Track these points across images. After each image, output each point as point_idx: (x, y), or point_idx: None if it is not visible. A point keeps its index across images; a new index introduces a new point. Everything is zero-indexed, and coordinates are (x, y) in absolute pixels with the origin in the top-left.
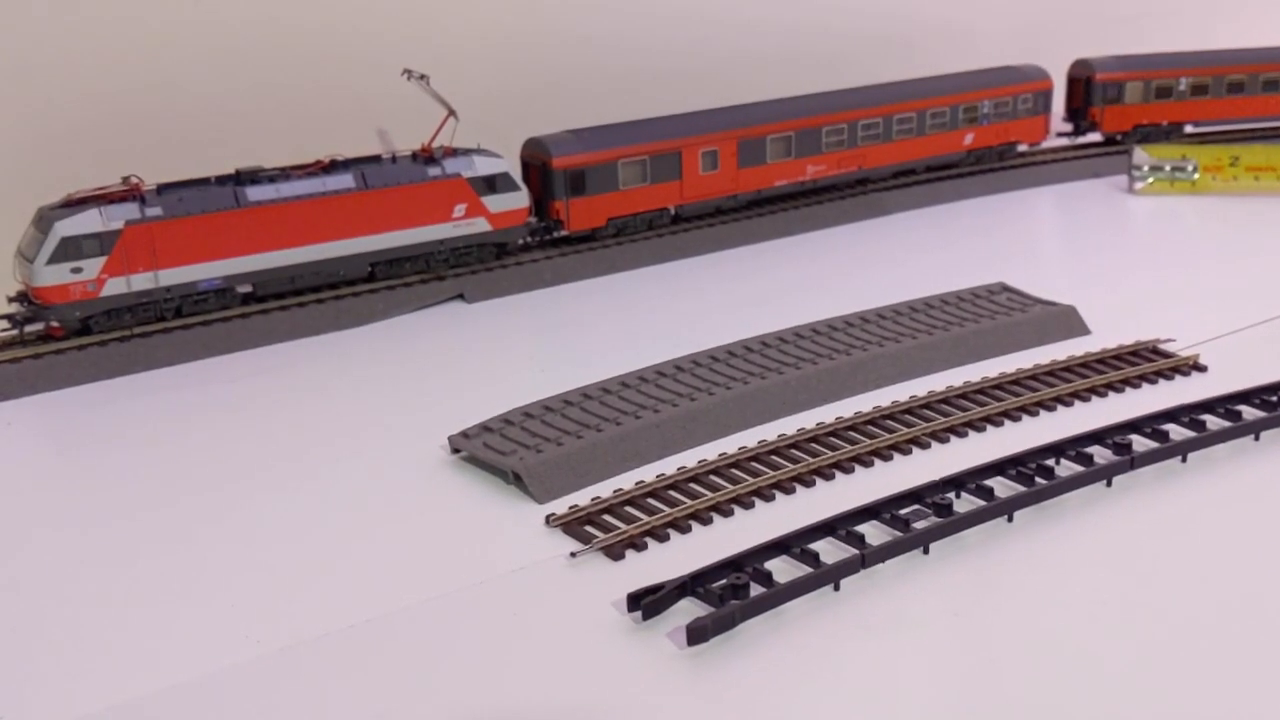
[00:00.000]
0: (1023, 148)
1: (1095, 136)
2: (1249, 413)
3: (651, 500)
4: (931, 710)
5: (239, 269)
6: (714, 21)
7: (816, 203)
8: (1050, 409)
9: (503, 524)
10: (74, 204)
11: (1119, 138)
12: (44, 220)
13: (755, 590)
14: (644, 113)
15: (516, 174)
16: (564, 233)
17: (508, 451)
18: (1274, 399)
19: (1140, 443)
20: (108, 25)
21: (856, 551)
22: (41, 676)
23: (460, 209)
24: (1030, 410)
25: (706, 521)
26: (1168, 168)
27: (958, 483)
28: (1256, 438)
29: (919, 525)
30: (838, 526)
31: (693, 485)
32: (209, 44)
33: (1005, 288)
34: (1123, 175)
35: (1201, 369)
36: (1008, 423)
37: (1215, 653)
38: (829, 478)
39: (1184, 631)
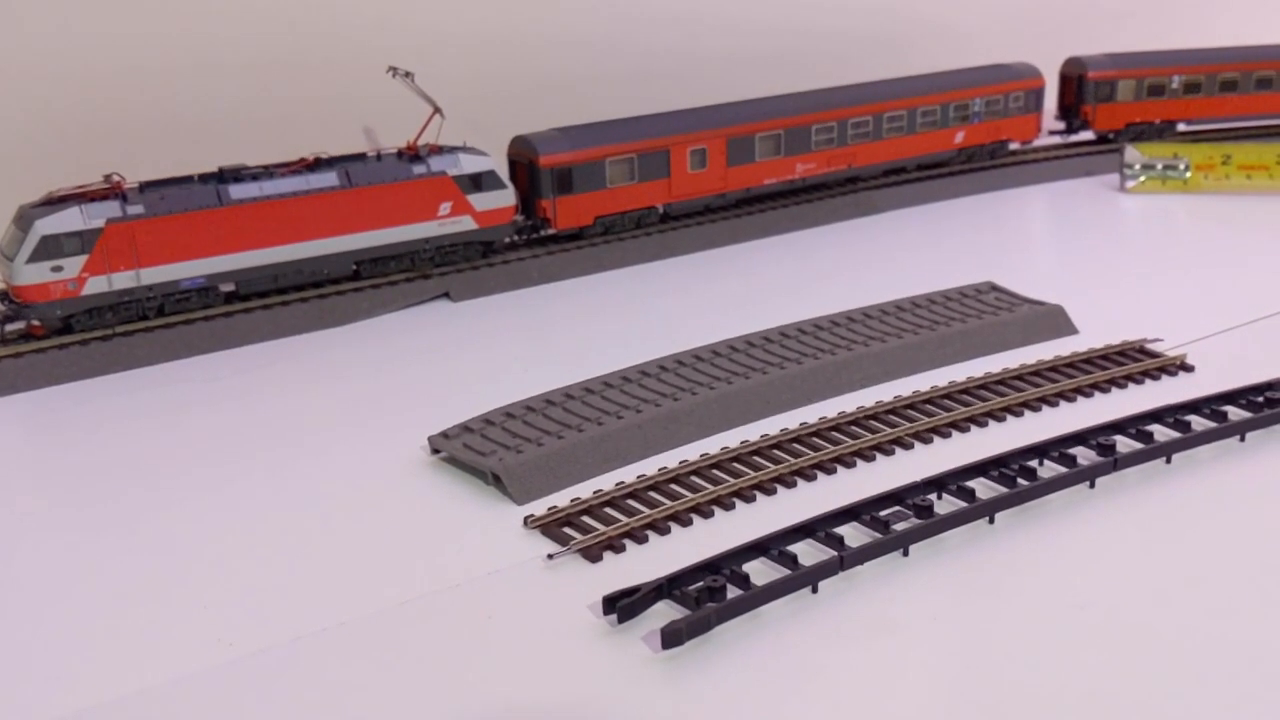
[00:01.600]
0: (1014, 146)
1: (1087, 135)
2: (1234, 413)
3: (631, 501)
4: (911, 715)
5: (222, 268)
6: (702, 20)
7: (806, 201)
8: (1035, 409)
9: (481, 525)
10: (55, 202)
11: (1111, 136)
12: (24, 218)
13: (732, 593)
14: (632, 111)
15: (503, 172)
16: (551, 231)
17: (487, 452)
18: (1260, 400)
19: (1124, 443)
20: (90, 23)
21: (835, 553)
22: (12, 678)
23: (446, 207)
24: (1015, 410)
25: (686, 523)
26: (1160, 166)
27: (939, 484)
28: (1242, 439)
29: (899, 527)
30: (817, 528)
31: (673, 486)
32: (192, 41)
33: (994, 287)
34: (1114, 174)
35: (1189, 369)
36: (992, 423)
37: (1199, 655)
38: (810, 478)
39: (1167, 634)
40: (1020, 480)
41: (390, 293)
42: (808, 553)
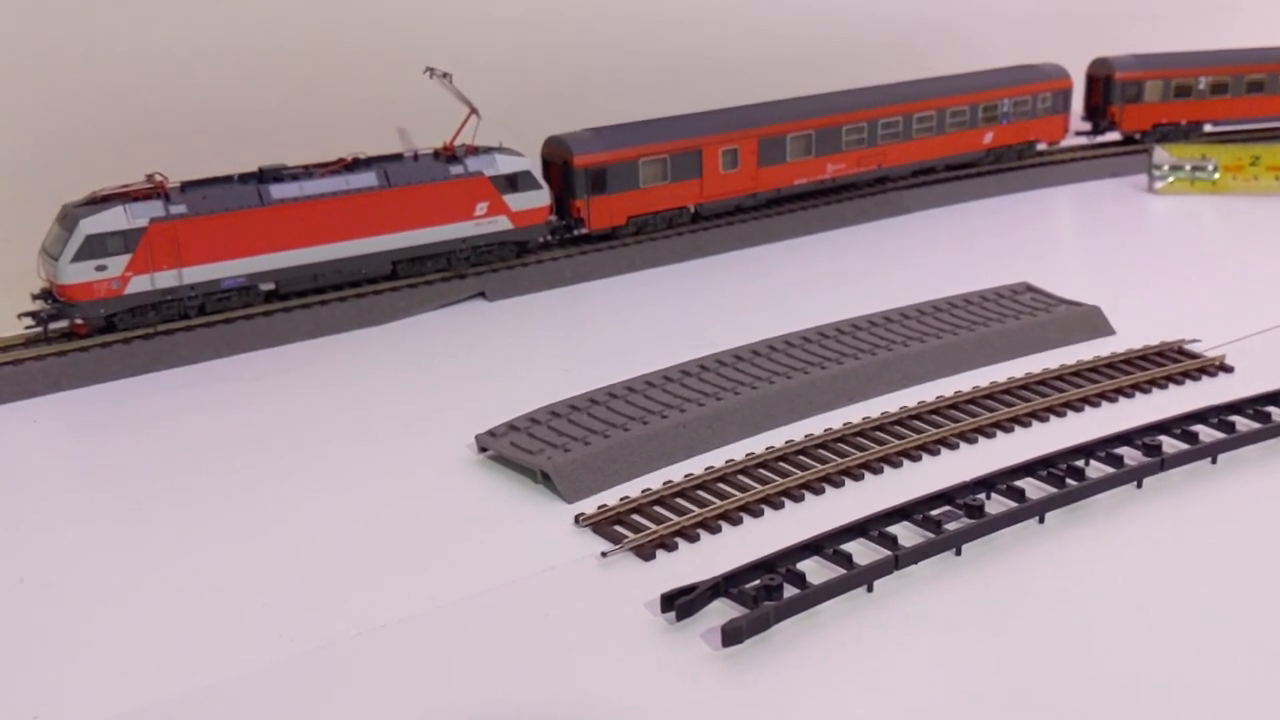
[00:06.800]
0: (1042, 146)
1: (1114, 135)
2: (1278, 414)
3: (680, 500)
4: (965, 711)
5: (262, 267)
6: (733, 23)
7: (836, 201)
8: (1078, 410)
9: (532, 523)
10: (99, 201)
11: (1138, 137)
12: (69, 218)
13: (789, 591)
14: (664, 111)
15: (538, 172)
16: (584, 231)
17: (535, 451)
18: None
19: (1170, 444)
20: (131, 23)
21: (889, 553)
22: (73, 676)
23: (482, 207)
24: (1058, 411)
25: (736, 522)
26: (1188, 167)
27: (988, 484)
28: None
29: (951, 526)
30: (870, 527)
31: (721, 485)
32: (232, 41)
33: (1029, 288)
34: (1141, 174)
35: (1228, 369)
36: (1035, 423)
37: (1248, 653)
38: (858, 478)
39: (1216, 632)
40: (1069, 480)
41: (427, 292)
42: (861, 552)
